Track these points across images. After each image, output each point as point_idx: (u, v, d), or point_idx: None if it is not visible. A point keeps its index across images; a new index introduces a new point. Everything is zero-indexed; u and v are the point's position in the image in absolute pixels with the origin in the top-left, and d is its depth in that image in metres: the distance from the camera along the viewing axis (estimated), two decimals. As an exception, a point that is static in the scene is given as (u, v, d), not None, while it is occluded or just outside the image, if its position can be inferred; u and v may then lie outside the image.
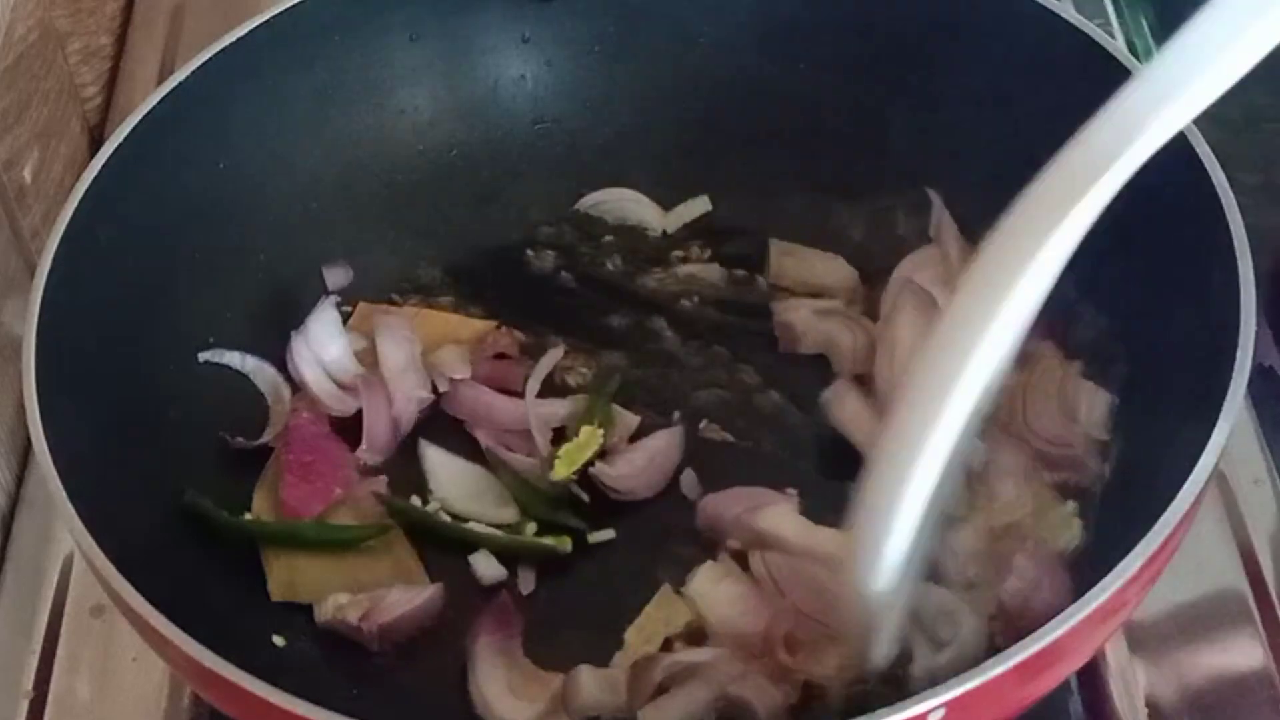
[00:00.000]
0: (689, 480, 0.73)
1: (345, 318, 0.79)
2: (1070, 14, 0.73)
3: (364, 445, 0.73)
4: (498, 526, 0.72)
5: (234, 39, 0.75)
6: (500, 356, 0.77)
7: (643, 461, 0.73)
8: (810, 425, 0.74)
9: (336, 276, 0.80)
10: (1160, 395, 0.67)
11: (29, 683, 0.72)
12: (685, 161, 0.83)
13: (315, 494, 0.72)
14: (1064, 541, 0.66)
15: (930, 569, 0.63)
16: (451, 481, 0.73)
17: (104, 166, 0.70)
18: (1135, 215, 0.71)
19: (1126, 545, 0.56)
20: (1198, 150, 0.66)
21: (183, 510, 0.69)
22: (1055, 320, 0.74)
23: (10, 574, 0.76)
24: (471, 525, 0.72)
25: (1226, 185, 0.65)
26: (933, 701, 0.52)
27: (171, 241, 0.74)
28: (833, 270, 0.80)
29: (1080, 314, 0.73)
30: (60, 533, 0.76)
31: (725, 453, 0.74)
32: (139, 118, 0.72)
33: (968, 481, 0.67)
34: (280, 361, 0.76)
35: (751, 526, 0.68)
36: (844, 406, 0.72)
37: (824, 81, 0.81)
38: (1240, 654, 0.69)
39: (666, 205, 0.83)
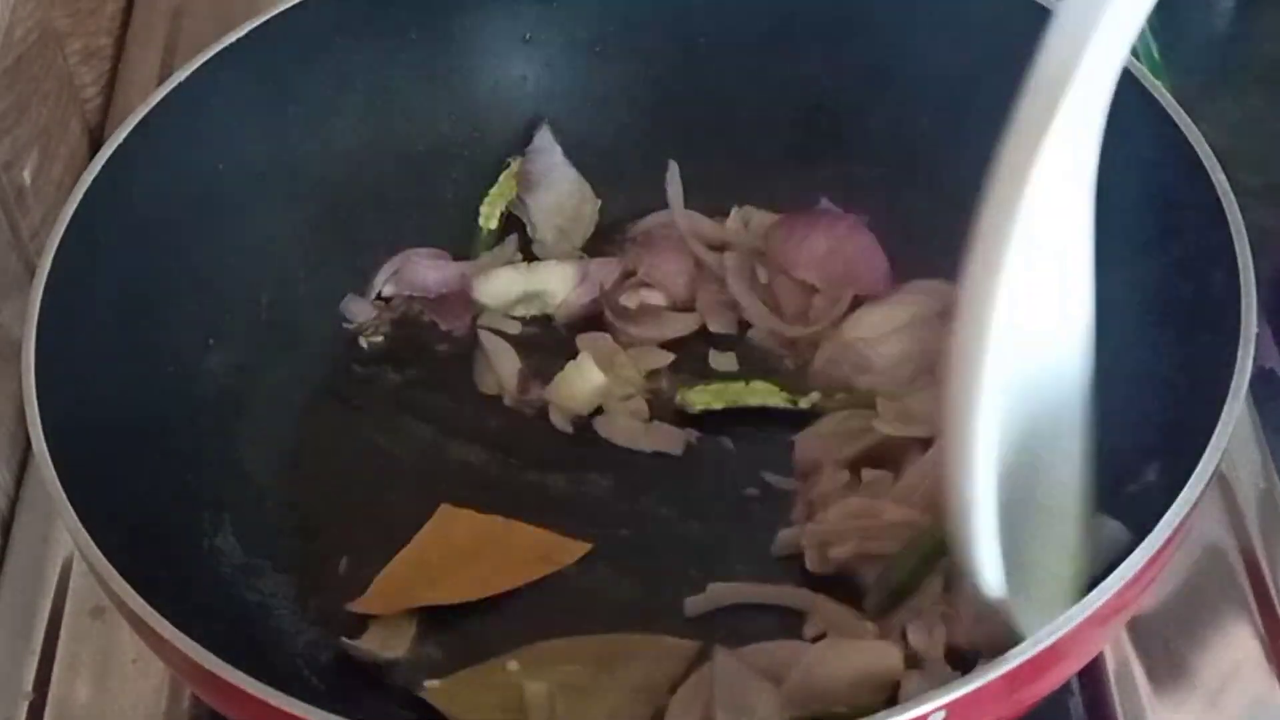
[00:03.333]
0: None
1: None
2: (1071, 14, 0.73)
3: None
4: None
5: (234, 39, 0.75)
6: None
7: None
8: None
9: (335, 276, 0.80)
10: (1162, 396, 0.67)
11: (28, 684, 0.71)
12: (685, 161, 0.83)
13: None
14: None
15: None
16: None
17: (104, 167, 0.70)
18: (1136, 216, 0.71)
19: (1128, 546, 0.56)
20: (1199, 151, 0.66)
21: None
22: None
23: (10, 575, 0.76)
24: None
25: (1228, 187, 0.65)
26: (934, 703, 0.52)
27: (171, 242, 0.74)
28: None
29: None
30: (60, 534, 0.76)
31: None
32: (139, 118, 0.72)
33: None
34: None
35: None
36: None
37: (824, 82, 0.81)
38: (1241, 655, 0.69)
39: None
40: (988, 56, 0.76)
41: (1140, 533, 0.56)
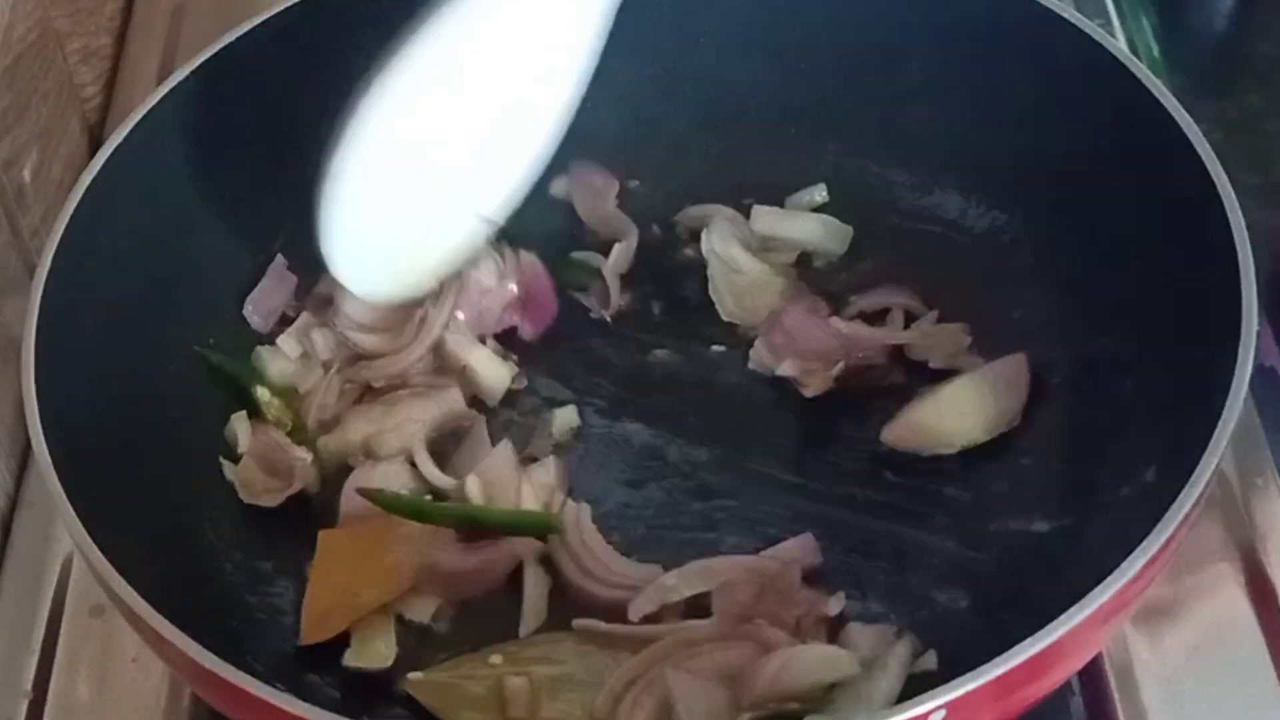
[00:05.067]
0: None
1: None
2: (1071, 14, 0.73)
3: None
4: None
5: (234, 39, 0.75)
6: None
7: None
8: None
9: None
10: (1161, 395, 0.67)
11: (28, 683, 0.72)
12: (685, 162, 0.83)
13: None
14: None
15: None
16: None
17: (104, 166, 0.70)
18: (1136, 216, 0.71)
19: (1128, 545, 0.56)
20: (1199, 150, 0.66)
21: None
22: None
23: (10, 574, 0.76)
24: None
25: (1228, 185, 0.65)
26: (934, 702, 0.52)
27: (171, 241, 0.74)
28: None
29: (1081, 313, 0.74)
30: (60, 533, 0.76)
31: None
32: (139, 118, 0.72)
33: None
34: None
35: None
36: None
37: (824, 81, 0.81)
38: (1241, 654, 0.69)
39: (669, 205, 0.83)
40: (992, 57, 0.76)
41: (1141, 532, 0.56)
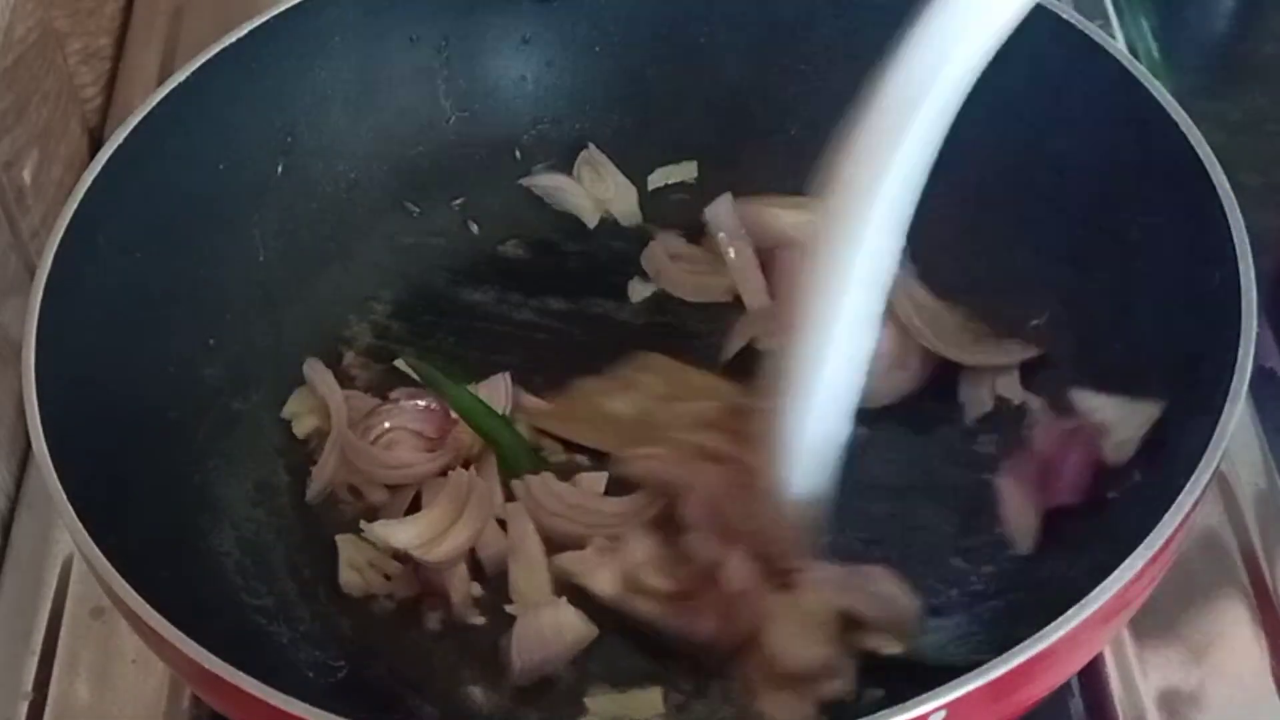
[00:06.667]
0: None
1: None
2: (1070, 14, 0.73)
3: None
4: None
5: (234, 39, 0.75)
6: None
7: None
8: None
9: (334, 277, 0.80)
10: (1161, 397, 0.67)
11: (28, 684, 0.72)
12: (686, 163, 0.83)
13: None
14: None
15: None
16: None
17: (104, 167, 0.70)
18: (1136, 217, 0.71)
19: (1127, 546, 0.56)
20: (1199, 151, 0.66)
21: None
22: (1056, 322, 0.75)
23: (10, 575, 0.76)
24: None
25: (1228, 186, 0.65)
26: (934, 703, 0.52)
27: (171, 242, 0.74)
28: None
29: (1080, 314, 0.74)
30: (60, 534, 0.76)
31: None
32: (139, 118, 0.72)
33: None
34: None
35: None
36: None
37: (824, 82, 0.81)
38: (1241, 654, 0.69)
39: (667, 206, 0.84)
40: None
41: (1141, 532, 0.56)
